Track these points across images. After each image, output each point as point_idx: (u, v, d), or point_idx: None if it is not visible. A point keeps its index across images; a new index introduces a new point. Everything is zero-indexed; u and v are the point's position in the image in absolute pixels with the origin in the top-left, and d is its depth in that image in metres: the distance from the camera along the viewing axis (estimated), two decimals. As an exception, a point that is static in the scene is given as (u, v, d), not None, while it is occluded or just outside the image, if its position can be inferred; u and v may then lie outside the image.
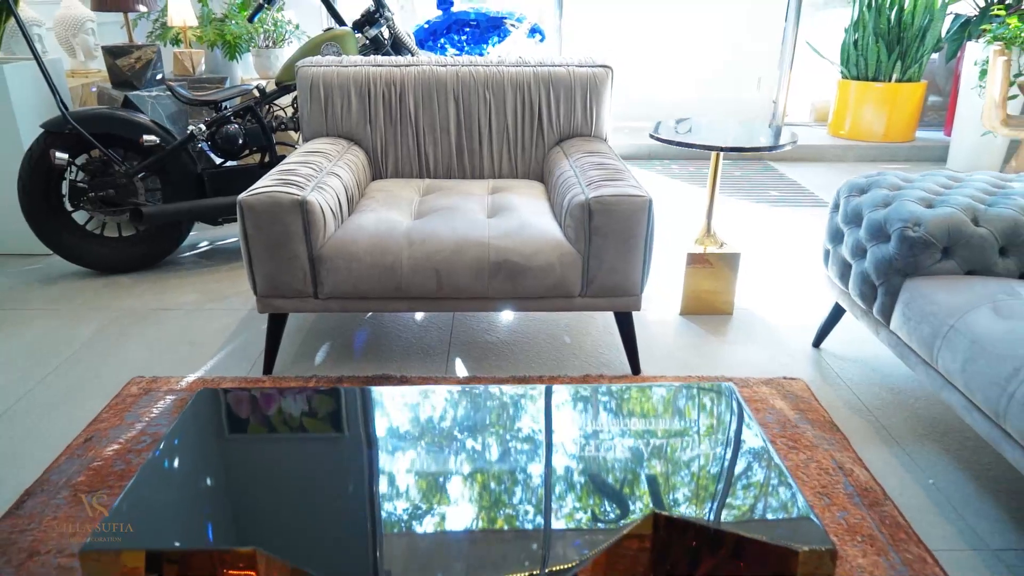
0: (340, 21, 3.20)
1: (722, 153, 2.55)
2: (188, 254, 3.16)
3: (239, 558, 0.92)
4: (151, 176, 2.89)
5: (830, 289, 2.18)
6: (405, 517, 1.00)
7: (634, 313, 2.56)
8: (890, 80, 4.84)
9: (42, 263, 3.04)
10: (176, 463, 1.13)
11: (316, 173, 2.11)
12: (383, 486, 1.07)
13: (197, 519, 1.00)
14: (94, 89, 3.53)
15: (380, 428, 1.24)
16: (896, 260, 1.82)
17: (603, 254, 1.98)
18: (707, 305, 2.56)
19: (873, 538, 1.53)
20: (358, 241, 1.98)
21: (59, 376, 2.15)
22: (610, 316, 2.55)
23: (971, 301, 1.61)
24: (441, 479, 1.09)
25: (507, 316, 2.55)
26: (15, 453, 1.80)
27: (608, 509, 1.02)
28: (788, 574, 0.92)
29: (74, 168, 2.82)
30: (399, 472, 1.11)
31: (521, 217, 2.09)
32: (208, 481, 1.08)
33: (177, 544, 0.95)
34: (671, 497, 1.05)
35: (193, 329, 2.44)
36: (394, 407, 1.31)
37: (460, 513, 1.02)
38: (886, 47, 4.74)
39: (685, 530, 0.99)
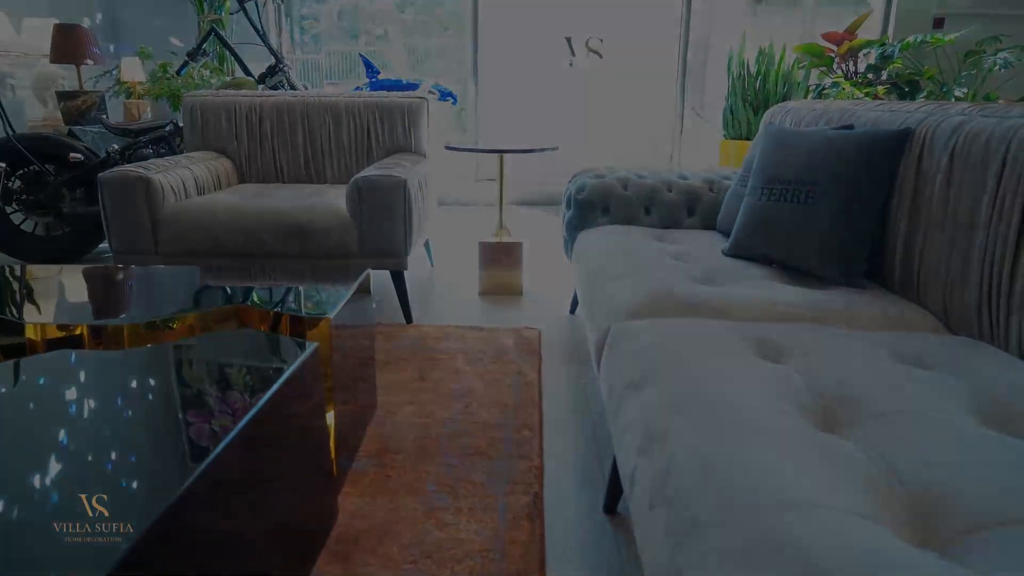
0: (247, 72, 3.97)
1: (508, 156, 3.20)
2: (107, 255, 3.82)
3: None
4: (79, 187, 3.58)
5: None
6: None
7: (437, 291, 3.13)
8: (760, 139, 5.50)
9: (-13, 259, 3.72)
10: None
11: (169, 165, 2.77)
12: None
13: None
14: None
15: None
16: (574, 218, 2.40)
17: (371, 222, 2.58)
18: (501, 287, 3.12)
19: (505, 403, 2.05)
20: (188, 210, 2.61)
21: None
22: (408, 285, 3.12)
23: (598, 238, 2.18)
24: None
25: (339, 293, 3.13)
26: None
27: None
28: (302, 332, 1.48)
29: (13, 177, 3.53)
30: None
31: (322, 199, 2.71)
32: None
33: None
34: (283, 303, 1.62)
35: (83, 296, 3.06)
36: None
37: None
38: (753, 110, 5.44)
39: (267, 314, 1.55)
